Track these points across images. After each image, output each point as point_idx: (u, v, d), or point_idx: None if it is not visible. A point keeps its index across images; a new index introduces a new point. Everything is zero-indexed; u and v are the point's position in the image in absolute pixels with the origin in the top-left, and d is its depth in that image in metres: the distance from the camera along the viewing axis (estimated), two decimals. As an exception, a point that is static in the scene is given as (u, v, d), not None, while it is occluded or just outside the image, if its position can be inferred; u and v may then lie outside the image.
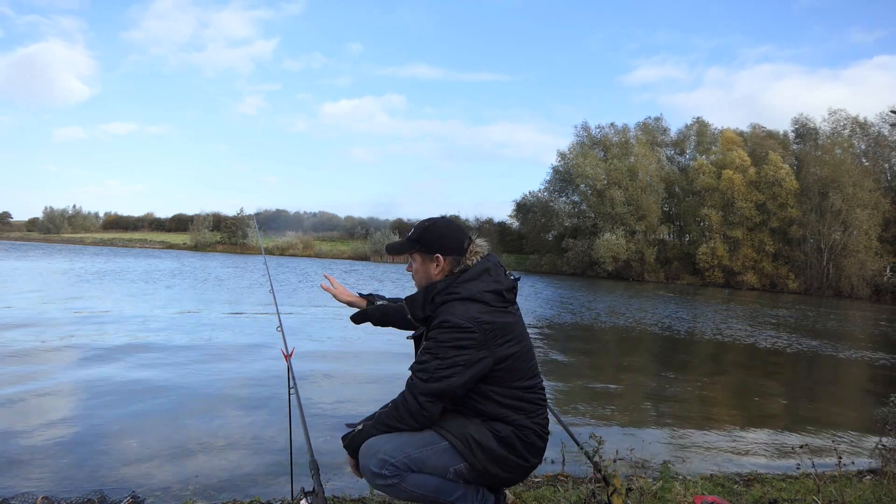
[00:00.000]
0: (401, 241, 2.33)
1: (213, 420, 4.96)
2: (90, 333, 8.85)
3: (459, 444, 2.06)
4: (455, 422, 2.10)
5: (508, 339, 2.08)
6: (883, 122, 48.80)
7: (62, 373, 6.34)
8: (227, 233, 61.19)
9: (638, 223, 50.69)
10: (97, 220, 77.01)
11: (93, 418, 4.80)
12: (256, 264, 34.96)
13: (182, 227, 67.63)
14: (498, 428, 2.09)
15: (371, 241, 59.03)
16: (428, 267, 2.22)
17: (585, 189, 52.56)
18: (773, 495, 3.33)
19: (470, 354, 2.00)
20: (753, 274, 47.77)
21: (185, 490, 3.44)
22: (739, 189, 48.40)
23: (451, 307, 2.05)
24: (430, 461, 2.05)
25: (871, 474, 3.98)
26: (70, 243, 60.28)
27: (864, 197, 45.65)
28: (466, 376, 2.01)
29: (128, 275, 21.94)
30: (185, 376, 6.47)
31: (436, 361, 2.00)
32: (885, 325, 20.75)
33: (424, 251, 2.22)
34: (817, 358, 11.33)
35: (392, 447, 2.03)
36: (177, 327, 9.97)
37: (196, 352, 7.89)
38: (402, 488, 2.04)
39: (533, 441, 2.13)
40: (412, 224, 14.00)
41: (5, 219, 76.94)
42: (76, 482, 3.48)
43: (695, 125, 56.53)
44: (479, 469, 2.08)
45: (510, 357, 2.08)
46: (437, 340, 2.02)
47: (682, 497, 3.05)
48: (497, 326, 2.05)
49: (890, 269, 45.29)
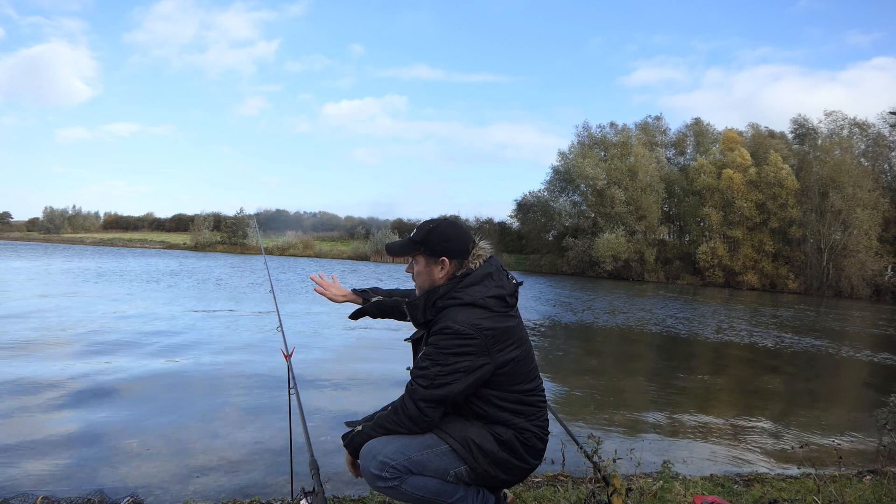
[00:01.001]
0: (402, 241, 2.27)
1: (213, 420, 4.96)
2: (90, 333, 8.84)
3: (460, 447, 2.05)
4: (456, 425, 2.10)
5: (510, 344, 2.07)
6: (883, 122, 48.82)
7: (62, 373, 6.34)
8: (228, 233, 61.16)
9: (638, 223, 50.68)
10: (97, 220, 76.91)
11: (93, 418, 4.80)
12: (256, 264, 34.95)
13: (182, 227, 67.57)
14: (499, 431, 2.08)
15: (371, 241, 59.00)
16: (432, 269, 2.18)
17: (585, 189, 52.54)
18: (773, 495, 3.33)
19: (470, 361, 1.99)
20: (753, 274, 47.74)
21: (185, 490, 3.44)
22: (739, 188, 48.38)
23: (452, 312, 2.04)
24: (431, 464, 2.04)
25: (871, 474, 3.98)
26: (70, 243, 60.25)
27: (864, 197, 45.62)
28: (467, 382, 2.00)
29: (127, 275, 21.93)
30: (184, 376, 6.47)
31: (436, 368, 1.99)
32: (885, 326, 20.74)
33: (429, 253, 2.18)
34: (817, 358, 11.32)
35: (392, 449, 2.03)
36: (177, 327, 9.96)
37: (196, 351, 7.90)
38: (403, 490, 2.04)
39: (533, 444, 2.13)
40: (412, 224, 13.98)
41: (5, 219, 76.85)
42: (76, 482, 3.48)
43: (694, 125, 56.56)
44: (480, 472, 2.08)
45: (511, 362, 2.07)
46: (437, 346, 2.01)
47: (682, 497, 3.05)
48: (499, 332, 2.04)
49: (890, 268, 45.26)
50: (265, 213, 69.44)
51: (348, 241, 64.56)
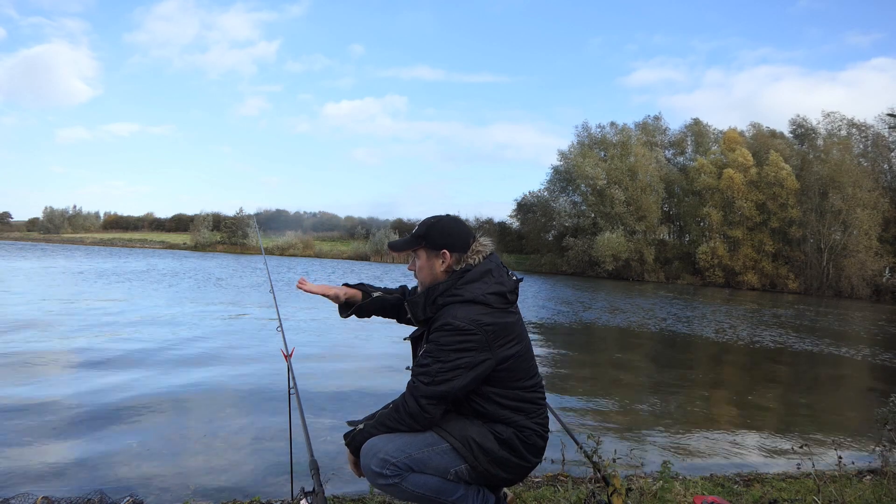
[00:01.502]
0: (405, 238, 2.28)
1: (214, 420, 4.96)
2: (89, 333, 8.84)
3: (460, 446, 2.06)
4: (456, 423, 2.10)
5: (510, 340, 2.08)
6: (882, 123, 48.84)
7: (61, 373, 6.34)
8: (227, 233, 61.16)
9: (638, 223, 50.70)
10: (97, 220, 76.91)
11: (93, 418, 4.80)
12: (256, 264, 34.95)
13: (182, 227, 67.56)
14: (499, 430, 2.09)
15: (371, 241, 58.98)
16: (433, 263, 2.19)
17: (585, 189, 52.54)
18: (773, 495, 3.33)
19: (472, 357, 1.99)
20: (753, 274, 47.76)
21: (185, 490, 3.44)
22: (740, 188, 48.38)
23: (452, 309, 2.04)
24: (432, 462, 2.05)
25: (871, 474, 3.98)
26: (70, 243, 60.24)
27: (863, 197, 45.65)
28: (468, 378, 2.00)
29: (127, 275, 21.93)
30: (184, 376, 6.46)
31: (437, 364, 1.99)
32: (885, 326, 20.75)
33: (430, 247, 2.19)
34: (817, 358, 11.32)
35: (393, 447, 2.03)
36: (176, 327, 9.96)
37: (196, 352, 7.89)
38: (403, 488, 2.04)
39: (534, 441, 2.13)
40: (412, 224, 13.97)
41: (5, 219, 76.82)
42: (76, 482, 3.48)
43: (693, 126, 56.54)
44: (481, 470, 2.08)
45: (512, 357, 2.08)
46: (438, 343, 2.01)
47: (682, 497, 3.05)
48: (499, 327, 2.04)
49: (888, 270, 45.28)
50: (265, 213, 69.49)
51: (348, 241, 64.56)
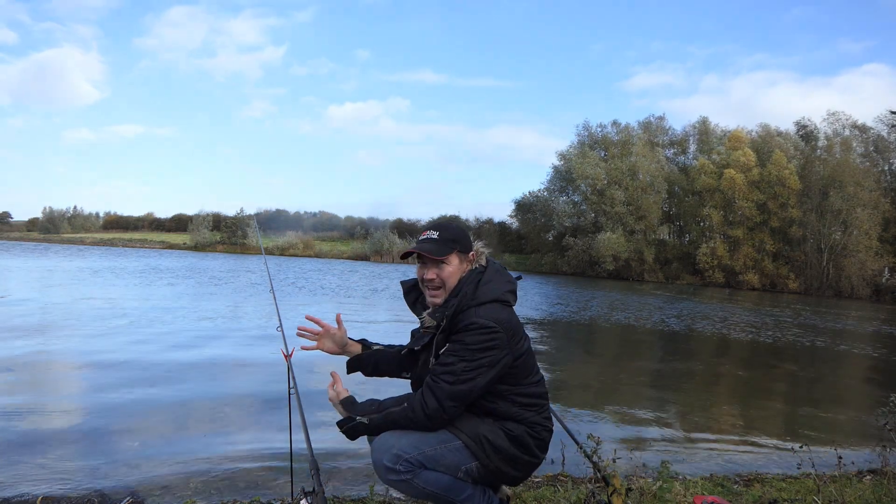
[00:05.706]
0: (435, 242, 2.17)
1: (213, 420, 4.96)
2: (89, 333, 8.84)
3: (472, 443, 2.09)
4: (468, 422, 2.13)
5: (521, 336, 2.16)
6: (882, 125, 48.88)
7: (61, 373, 6.34)
8: (227, 233, 61.13)
9: (638, 223, 50.65)
10: (97, 220, 76.89)
11: (93, 418, 4.80)
12: (256, 264, 34.94)
13: (182, 227, 67.49)
14: (510, 427, 2.13)
15: (371, 242, 58.96)
16: (463, 267, 2.19)
17: (585, 189, 52.49)
18: (773, 495, 3.33)
19: (494, 354, 2.04)
20: (754, 274, 47.71)
21: (185, 490, 3.44)
22: (741, 188, 48.32)
23: (476, 309, 2.08)
24: (444, 459, 2.07)
25: (871, 474, 3.98)
26: (70, 243, 60.22)
27: (864, 197, 45.64)
28: (489, 376, 2.04)
29: (127, 274, 21.93)
30: (184, 376, 6.46)
31: (462, 363, 2.02)
32: (884, 326, 20.74)
33: (462, 251, 2.18)
34: (817, 358, 11.32)
35: (406, 443, 2.05)
36: (176, 327, 9.96)
37: (196, 351, 7.89)
38: (415, 485, 2.06)
39: (543, 437, 2.19)
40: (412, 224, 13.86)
41: (5, 219, 76.83)
42: (76, 482, 3.48)
43: (699, 125, 56.40)
44: (491, 468, 2.11)
45: (524, 354, 2.15)
46: (464, 343, 2.03)
47: (682, 497, 3.05)
48: (514, 325, 2.12)
49: (887, 270, 45.29)
50: (265, 213, 69.45)
51: (348, 241, 64.53)
